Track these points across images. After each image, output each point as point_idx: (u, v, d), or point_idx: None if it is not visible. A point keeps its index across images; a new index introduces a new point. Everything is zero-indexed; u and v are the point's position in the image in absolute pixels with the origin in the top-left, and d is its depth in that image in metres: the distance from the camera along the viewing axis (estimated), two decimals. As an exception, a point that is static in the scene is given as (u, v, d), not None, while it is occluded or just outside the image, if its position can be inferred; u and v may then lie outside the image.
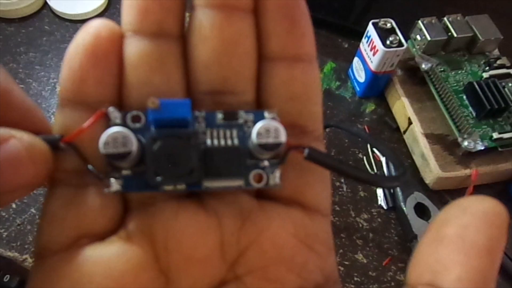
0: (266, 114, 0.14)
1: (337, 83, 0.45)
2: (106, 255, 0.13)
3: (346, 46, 0.48)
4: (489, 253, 0.12)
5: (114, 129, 0.13)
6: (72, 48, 0.13)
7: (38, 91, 0.42)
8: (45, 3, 0.47)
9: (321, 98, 0.15)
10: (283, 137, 0.14)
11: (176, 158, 0.13)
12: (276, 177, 0.14)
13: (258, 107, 0.15)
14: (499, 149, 0.38)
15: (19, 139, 0.12)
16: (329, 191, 0.16)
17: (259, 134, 0.13)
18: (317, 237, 0.15)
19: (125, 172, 0.14)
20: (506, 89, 0.39)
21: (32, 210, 0.35)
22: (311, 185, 0.15)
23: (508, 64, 0.42)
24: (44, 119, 0.14)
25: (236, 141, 0.14)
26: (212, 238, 0.14)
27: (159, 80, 0.14)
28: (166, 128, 0.13)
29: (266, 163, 0.14)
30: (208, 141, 0.14)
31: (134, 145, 0.13)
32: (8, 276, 0.31)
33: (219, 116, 0.14)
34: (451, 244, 0.12)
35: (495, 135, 0.38)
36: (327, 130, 0.42)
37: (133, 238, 0.14)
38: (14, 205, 0.35)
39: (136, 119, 0.14)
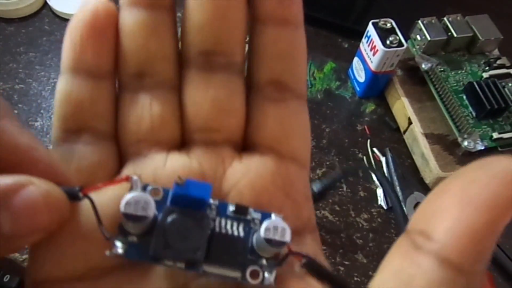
0: (273, 215, 0.15)
1: (337, 83, 0.45)
2: (100, 200, 0.14)
3: (346, 46, 0.48)
4: (490, 210, 0.11)
5: (137, 193, 0.14)
6: (72, 23, 0.15)
7: (38, 91, 0.42)
8: (45, 3, 0.47)
9: (306, 61, 0.17)
10: (288, 238, 0.14)
11: (186, 233, 0.14)
12: (271, 277, 0.15)
13: (246, 67, 0.16)
14: (499, 149, 0.38)
15: (37, 186, 0.13)
16: (308, 144, 0.17)
17: (267, 229, 0.14)
18: (293, 186, 0.16)
19: (131, 239, 0.14)
20: (506, 89, 0.39)
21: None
22: (290, 135, 0.16)
23: (508, 64, 0.42)
24: (65, 173, 0.15)
25: (242, 234, 0.15)
26: None
27: (155, 45, 0.16)
28: (182, 207, 0.14)
29: (264, 261, 0.15)
30: (217, 228, 0.15)
31: (152, 212, 0.14)
32: (8, 276, 0.31)
33: (231, 208, 0.15)
34: (452, 195, 0.12)
35: (495, 135, 0.38)
36: (327, 130, 0.42)
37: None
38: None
39: (155, 192, 0.15)
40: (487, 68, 0.41)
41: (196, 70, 0.16)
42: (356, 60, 0.43)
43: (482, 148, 0.37)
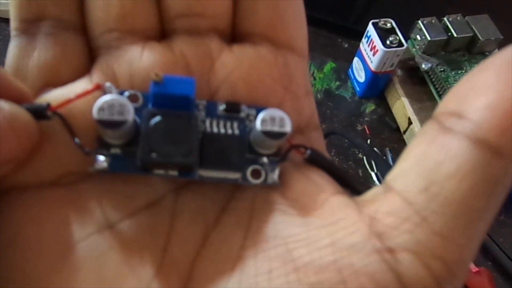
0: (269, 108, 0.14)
1: (337, 83, 0.45)
2: (72, 114, 0.13)
3: (346, 46, 0.48)
4: None
5: (111, 96, 0.12)
6: None
7: (38, 91, 0.42)
8: (45, 3, 0.47)
9: None
10: (288, 127, 0.13)
11: (174, 136, 0.12)
12: (275, 175, 0.13)
13: None
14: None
15: None
16: (304, 31, 0.15)
17: (263, 121, 0.13)
18: (292, 78, 0.15)
19: (113, 151, 0.13)
20: (506, 89, 0.39)
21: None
22: (284, 20, 0.15)
23: (508, 64, 0.42)
24: (19, 87, 0.13)
25: (237, 132, 0.13)
26: None
27: None
28: (166, 108, 0.13)
29: (265, 159, 0.14)
30: (208, 129, 0.13)
31: (130, 115, 0.12)
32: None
33: (221, 107, 0.14)
34: (493, 71, 0.10)
35: (495, 135, 0.38)
36: (327, 130, 0.42)
37: (94, 80, 0.13)
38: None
39: (133, 98, 0.13)
40: (487, 68, 0.41)
41: None
42: (356, 60, 0.43)
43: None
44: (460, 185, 0.10)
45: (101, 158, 0.13)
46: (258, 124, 0.13)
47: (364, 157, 0.40)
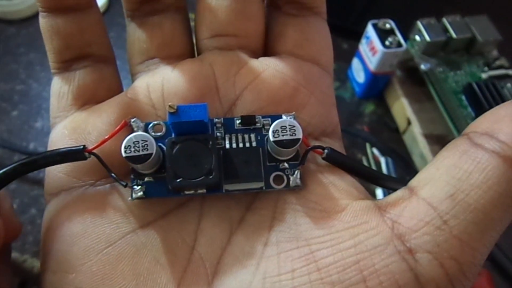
0: (284, 116, 0.15)
1: (337, 83, 0.45)
2: (107, 152, 0.14)
3: (345, 46, 0.48)
4: None
5: (134, 134, 0.14)
6: None
7: (39, 92, 0.42)
8: (45, 4, 0.47)
9: None
10: (299, 134, 0.14)
11: (195, 159, 0.14)
12: (296, 178, 0.14)
13: None
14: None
15: None
16: (330, 51, 0.17)
17: (274, 132, 0.14)
18: (317, 86, 0.16)
19: (147, 179, 0.14)
20: (505, 90, 0.39)
21: (33, 210, 0.35)
22: (311, 40, 0.16)
23: (507, 65, 0.42)
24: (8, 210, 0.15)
25: (254, 144, 0.15)
26: (206, 82, 0.15)
27: None
28: (186, 134, 0.14)
29: (285, 164, 0.14)
30: (227, 145, 0.14)
31: (154, 148, 0.14)
32: (9, 276, 0.31)
33: (237, 121, 0.15)
34: None
35: (494, 136, 0.38)
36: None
37: (128, 94, 0.15)
38: (14, 205, 0.35)
39: (157, 128, 0.15)
40: (486, 69, 0.41)
41: None
42: (355, 60, 0.43)
43: (481, 148, 0.37)
44: (485, 194, 0.11)
45: (137, 188, 0.14)
46: (270, 136, 0.14)
47: (363, 157, 0.41)
